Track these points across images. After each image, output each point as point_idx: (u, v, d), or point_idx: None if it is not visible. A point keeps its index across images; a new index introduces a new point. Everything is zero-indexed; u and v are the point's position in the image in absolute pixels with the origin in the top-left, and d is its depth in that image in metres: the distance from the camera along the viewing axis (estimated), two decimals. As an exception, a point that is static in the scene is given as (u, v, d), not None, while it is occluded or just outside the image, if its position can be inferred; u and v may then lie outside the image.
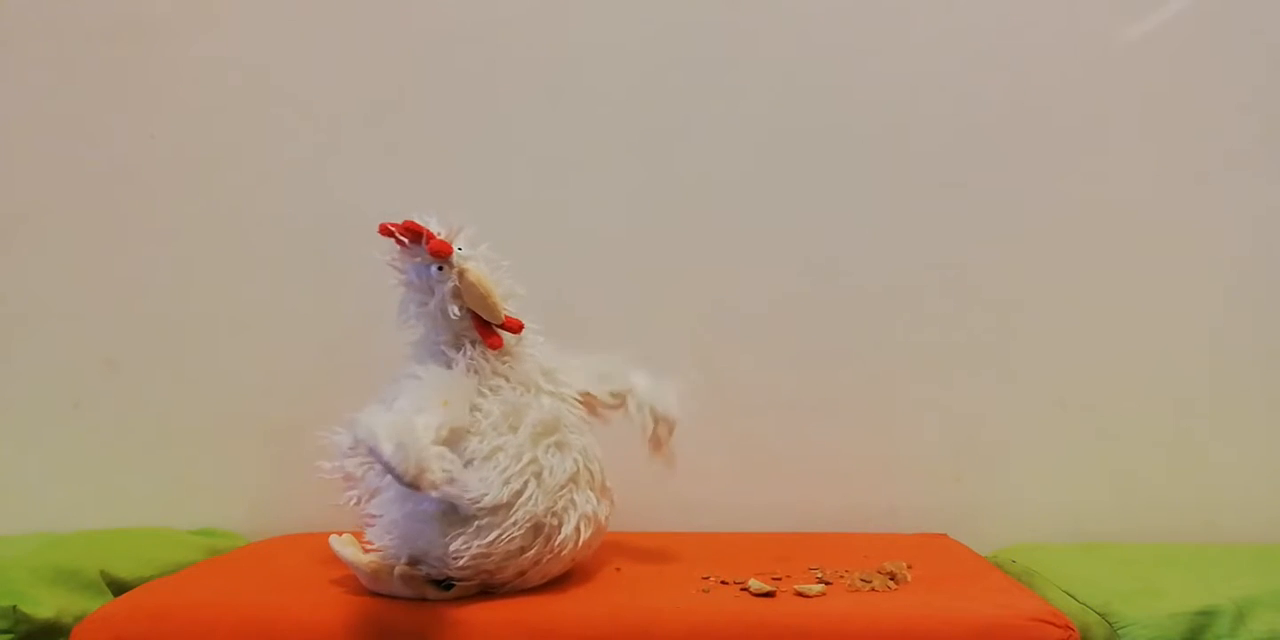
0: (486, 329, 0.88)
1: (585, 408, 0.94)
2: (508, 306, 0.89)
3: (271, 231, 1.24)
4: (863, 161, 1.23)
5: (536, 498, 0.84)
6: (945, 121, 1.23)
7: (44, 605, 0.86)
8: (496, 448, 0.85)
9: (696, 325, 1.23)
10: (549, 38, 1.24)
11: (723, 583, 0.91)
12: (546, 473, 0.85)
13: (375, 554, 0.87)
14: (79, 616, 0.86)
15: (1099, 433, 1.22)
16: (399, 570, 0.85)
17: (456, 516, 0.83)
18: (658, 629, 0.81)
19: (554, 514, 0.86)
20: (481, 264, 0.88)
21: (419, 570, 0.85)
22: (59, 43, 1.24)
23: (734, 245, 1.23)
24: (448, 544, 0.83)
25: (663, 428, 0.95)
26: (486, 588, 0.87)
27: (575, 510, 0.87)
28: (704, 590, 0.89)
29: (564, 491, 0.86)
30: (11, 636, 0.84)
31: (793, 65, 1.23)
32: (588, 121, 1.24)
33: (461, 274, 0.86)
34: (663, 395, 0.96)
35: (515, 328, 0.89)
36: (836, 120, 1.23)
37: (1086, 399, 1.22)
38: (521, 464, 0.84)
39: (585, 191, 1.24)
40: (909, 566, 0.96)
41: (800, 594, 0.87)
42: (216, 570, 1.00)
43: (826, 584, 0.90)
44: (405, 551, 0.85)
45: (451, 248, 0.86)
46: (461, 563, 0.83)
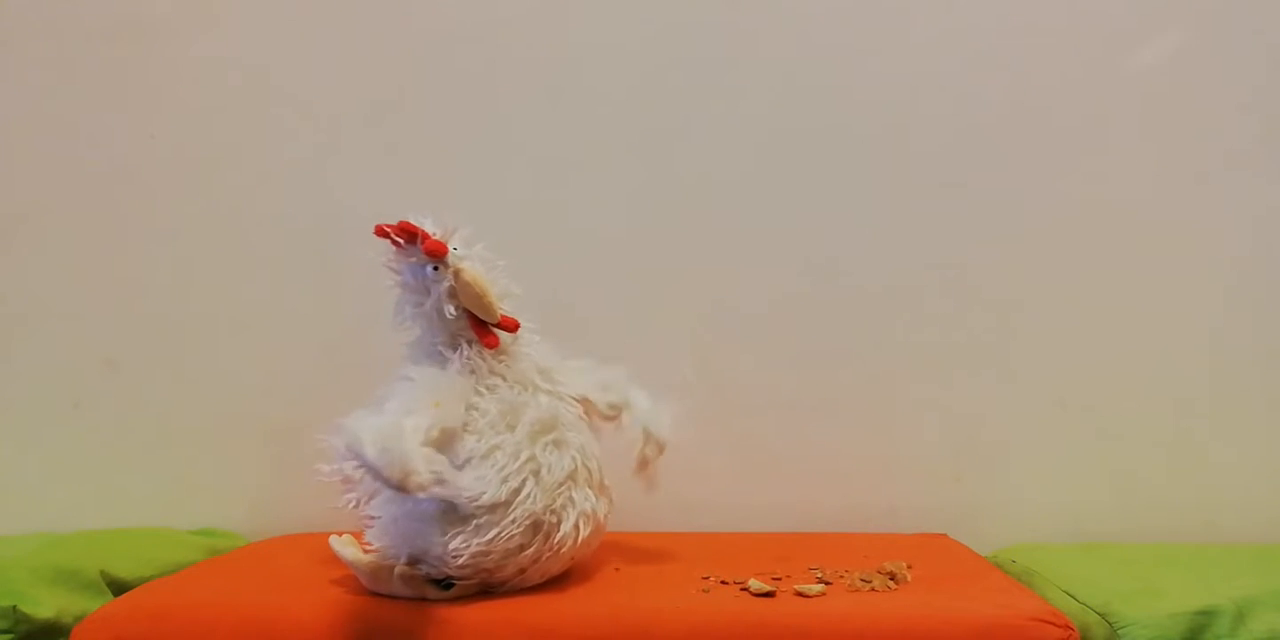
0: (483, 328, 0.88)
1: (584, 413, 0.94)
2: (503, 306, 0.89)
3: (271, 231, 1.24)
4: (863, 161, 1.23)
5: (535, 495, 0.84)
6: (945, 121, 1.23)
7: (44, 605, 0.86)
8: (494, 446, 0.85)
9: (696, 325, 1.23)
10: (549, 38, 1.24)
11: (723, 583, 0.91)
12: (545, 470, 0.86)
13: (375, 554, 0.88)
14: (79, 616, 0.86)
15: (1099, 433, 1.22)
16: (399, 570, 0.85)
17: (455, 515, 0.83)
18: (658, 629, 0.81)
19: (553, 511, 0.86)
20: (477, 263, 0.88)
21: (419, 570, 0.85)
22: (59, 43, 1.24)
23: (734, 245, 1.23)
24: (447, 543, 0.83)
25: (651, 448, 0.95)
26: (486, 587, 0.87)
27: (574, 508, 0.87)
28: (704, 590, 0.89)
29: (562, 489, 0.87)
30: (11, 636, 0.84)
31: (793, 65, 1.23)
32: (588, 121, 1.24)
33: (457, 273, 0.86)
34: (659, 417, 0.96)
35: (511, 327, 0.89)
36: (836, 120, 1.23)
37: (1086, 399, 1.22)
38: (519, 462, 0.85)
39: (585, 191, 1.24)
40: (909, 566, 0.96)
41: (800, 594, 0.87)
42: (216, 570, 1.00)
43: (826, 584, 0.90)
44: (405, 551, 0.86)
45: (447, 248, 0.86)
46: (461, 561, 0.83)
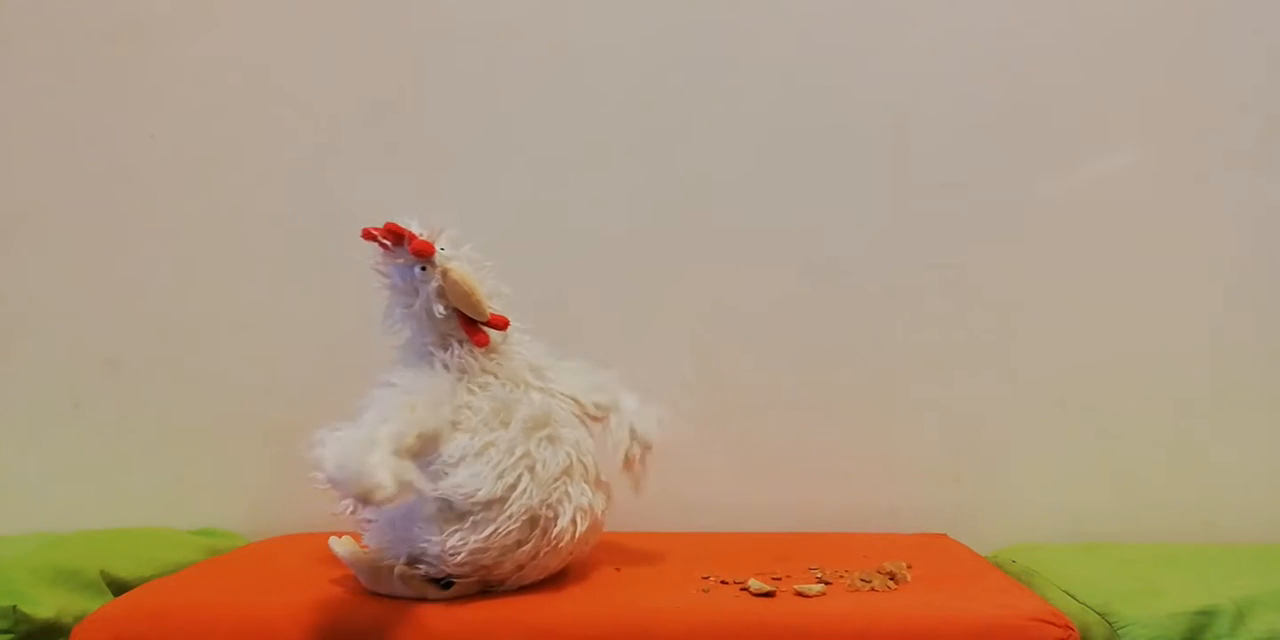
0: (472, 327, 0.89)
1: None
2: (493, 305, 0.89)
3: (271, 231, 1.24)
4: (863, 161, 1.23)
5: (531, 490, 0.84)
6: (945, 121, 1.23)
7: (44, 605, 0.86)
8: (488, 443, 0.85)
9: (696, 325, 1.23)
10: (549, 38, 1.24)
11: (723, 583, 0.91)
12: (540, 466, 0.86)
13: (375, 555, 0.88)
14: (79, 616, 0.86)
15: (1099, 433, 1.22)
16: (398, 570, 0.85)
17: (452, 513, 0.83)
18: (658, 629, 0.81)
19: (549, 506, 0.86)
20: (464, 263, 0.88)
21: (418, 569, 0.85)
22: (59, 43, 1.24)
23: (734, 245, 1.23)
24: (444, 541, 0.83)
25: (637, 449, 0.95)
26: (486, 585, 0.87)
27: (570, 502, 0.87)
28: (704, 590, 0.89)
29: (558, 484, 0.87)
30: (11, 636, 0.84)
31: (793, 65, 1.23)
32: (588, 121, 1.24)
33: (445, 273, 0.86)
34: (645, 418, 0.96)
35: (501, 325, 0.89)
36: (836, 120, 1.23)
37: (1086, 399, 1.22)
38: (514, 458, 0.85)
39: (585, 191, 1.24)
40: (909, 566, 0.96)
41: (800, 594, 0.87)
42: (216, 570, 1.00)
43: (826, 584, 0.90)
44: (403, 551, 0.86)
45: (434, 247, 0.86)
46: (459, 559, 0.83)
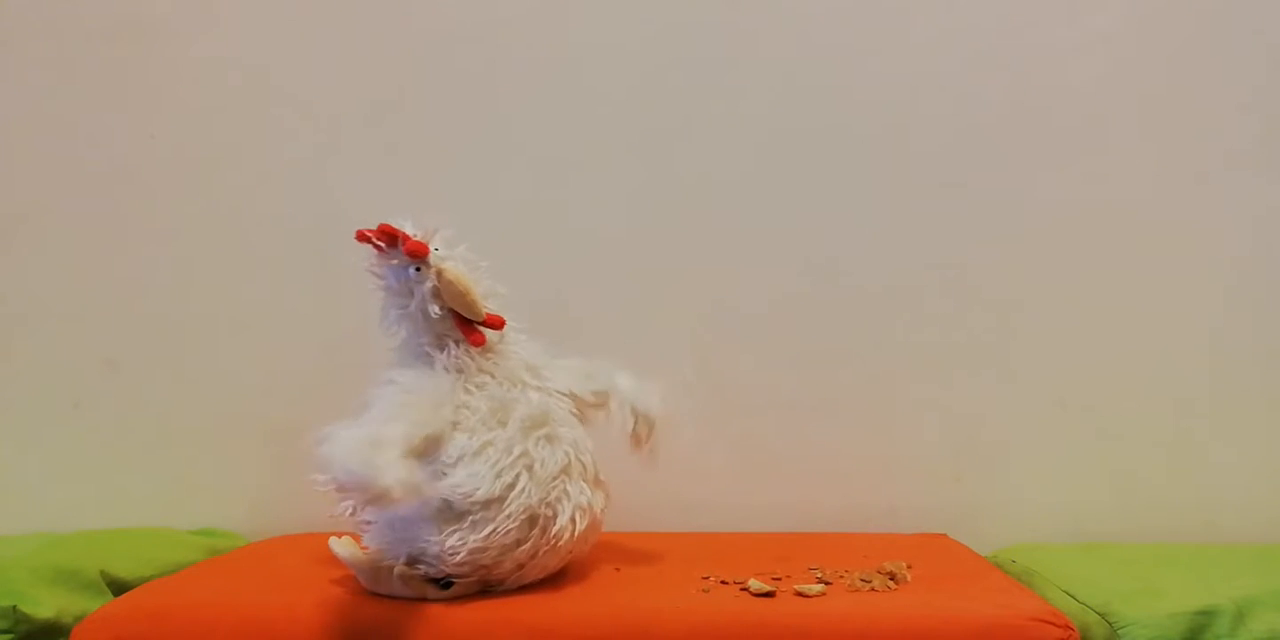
0: (468, 327, 0.89)
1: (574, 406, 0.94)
2: (489, 305, 0.89)
3: (271, 231, 1.24)
4: (863, 161, 1.23)
5: (529, 489, 0.85)
6: (945, 121, 1.23)
7: (44, 605, 0.86)
8: (486, 442, 0.85)
9: (696, 325, 1.23)
10: (549, 38, 1.24)
11: (723, 583, 0.91)
12: (538, 465, 0.86)
13: (374, 555, 0.88)
14: (79, 616, 0.86)
15: (1099, 433, 1.22)
16: (398, 570, 0.85)
17: (451, 513, 0.83)
18: (658, 629, 0.81)
19: (548, 505, 0.86)
20: (459, 263, 0.88)
21: (417, 569, 0.85)
22: (59, 43, 1.24)
23: (734, 245, 1.23)
24: (444, 541, 0.83)
25: (642, 426, 0.95)
26: (486, 585, 0.87)
27: (569, 501, 0.87)
28: (704, 590, 0.89)
29: (556, 482, 0.87)
30: (11, 636, 0.84)
31: (793, 65, 1.23)
32: (588, 121, 1.24)
33: (440, 273, 0.86)
34: (644, 394, 0.96)
35: (497, 324, 0.89)
36: (836, 120, 1.23)
37: (1086, 399, 1.22)
38: (512, 457, 0.85)
39: (585, 191, 1.24)
40: (909, 566, 0.96)
41: (800, 594, 0.87)
42: (216, 570, 1.00)
43: (826, 584, 0.90)
44: (403, 551, 0.86)
45: (428, 248, 0.86)
46: (459, 558, 0.83)
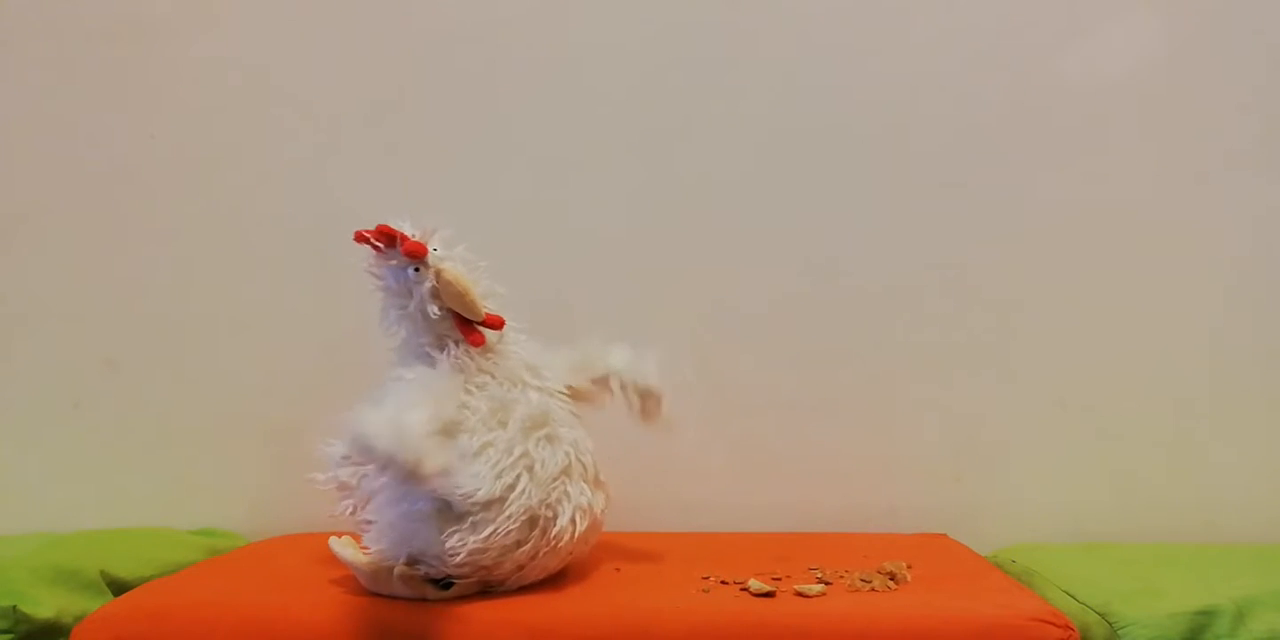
0: (468, 327, 0.88)
1: (574, 400, 0.94)
2: (489, 305, 0.89)
3: (271, 231, 1.24)
4: (863, 161, 1.23)
5: (529, 490, 0.84)
6: (945, 121, 1.23)
7: (44, 605, 0.86)
8: (486, 443, 0.85)
9: (696, 325, 1.23)
10: (549, 38, 1.24)
11: (723, 583, 0.91)
12: (538, 465, 0.86)
13: (374, 555, 0.87)
14: (79, 616, 0.86)
15: (1099, 433, 1.22)
16: (398, 570, 0.85)
17: (451, 514, 0.83)
18: (658, 629, 0.81)
19: (548, 506, 0.86)
20: (458, 263, 0.88)
21: (418, 570, 0.85)
22: (59, 43, 1.24)
23: (734, 245, 1.23)
24: (444, 541, 0.83)
25: (651, 402, 0.95)
26: (486, 586, 0.87)
27: (569, 502, 0.87)
28: (704, 590, 0.89)
29: (557, 483, 0.86)
30: (11, 636, 0.84)
31: (793, 65, 1.23)
32: (588, 121, 1.24)
33: (438, 273, 0.86)
34: (641, 370, 0.95)
35: (496, 324, 0.89)
36: (836, 120, 1.23)
37: (1086, 399, 1.22)
38: (513, 458, 0.85)
39: (585, 191, 1.24)
40: (909, 566, 0.96)
41: (800, 594, 0.87)
42: (216, 570, 1.00)
43: (826, 584, 0.90)
44: (403, 552, 0.86)
45: (426, 248, 0.86)
46: (459, 559, 0.83)
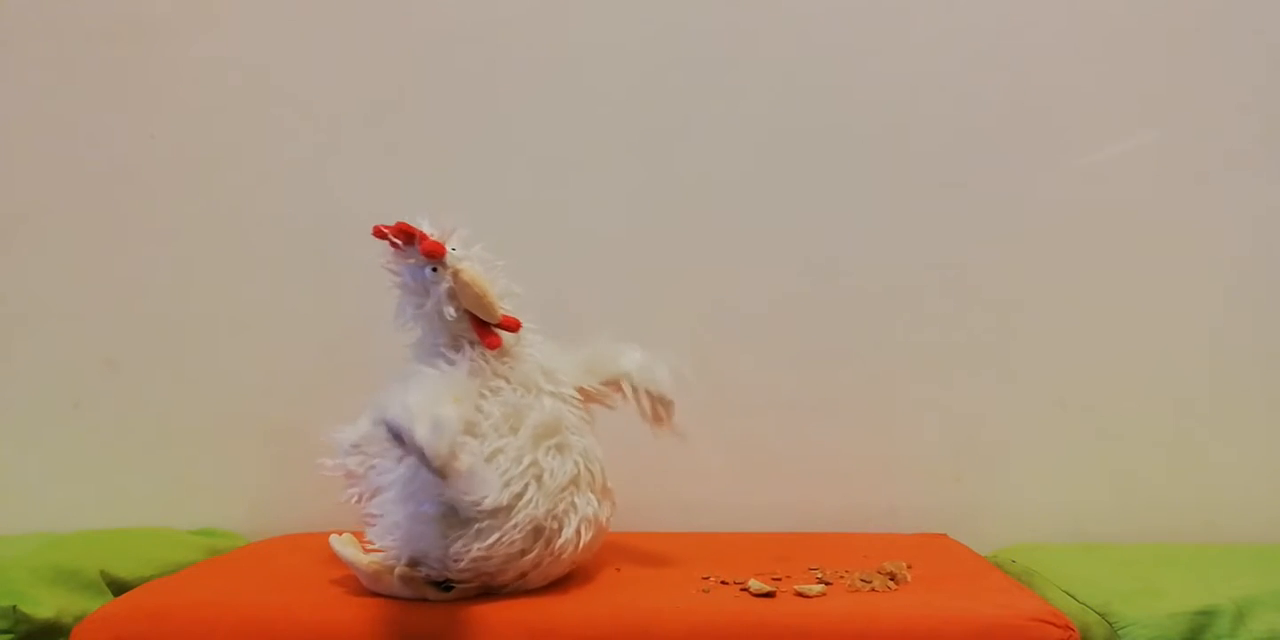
0: (484, 329, 0.87)
1: (586, 401, 0.93)
2: (504, 305, 0.88)
3: (271, 231, 1.24)
4: (863, 161, 1.23)
5: (537, 501, 0.84)
6: (945, 121, 1.23)
7: (44, 605, 0.86)
8: (497, 450, 0.84)
9: (696, 325, 1.23)
10: (549, 38, 1.24)
11: (723, 583, 0.91)
12: (547, 475, 0.85)
13: (375, 555, 0.87)
14: (79, 616, 0.86)
15: (1099, 433, 1.22)
16: (399, 571, 0.85)
17: (456, 519, 0.83)
18: (658, 629, 0.81)
19: (554, 517, 0.85)
20: (476, 264, 0.87)
21: (419, 572, 0.85)
22: (59, 43, 1.24)
23: (734, 245, 1.23)
24: (447, 547, 0.82)
25: (662, 409, 0.95)
26: (487, 589, 0.86)
27: (576, 513, 0.86)
28: (704, 590, 0.89)
29: (565, 494, 0.86)
30: (11, 636, 0.84)
31: (793, 65, 1.23)
32: (588, 121, 1.24)
33: (456, 274, 0.85)
34: (654, 377, 0.94)
35: (513, 327, 0.88)
36: (836, 120, 1.23)
37: (1086, 399, 1.22)
38: (522, 467, 0.84)
39: (585, 191, 1.24)
40: (909, 566, 0.96)
41: (800, 594, 0.87)
42: (216, 570, 1.00)
43: (826, 584, 0.90)
44: (406, 553, 0.85)
45: (445, 248, 0.85)
46: (462, 565, 0.83)
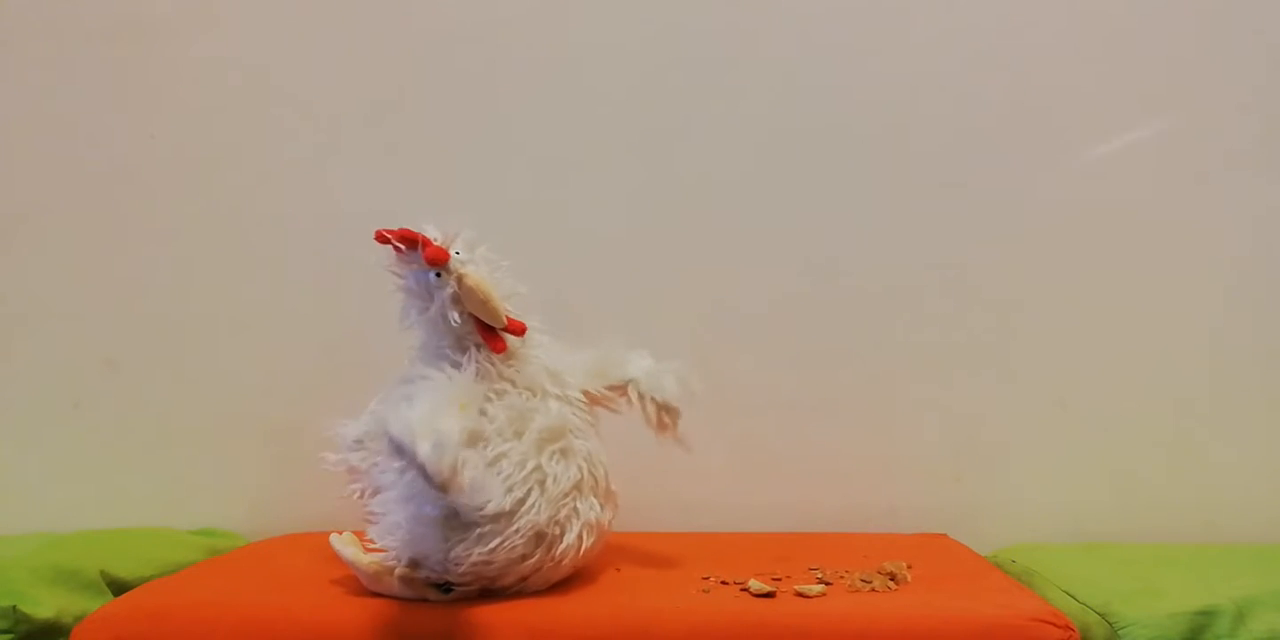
0: (490, 333, 0.87)
1: (591, 404, 0.93)
2: (509, 307, 0.88)
3: (271, 231, 1.24)
4: (863, 161, 1.23)
5: (539, 506, 0.83)
6: (945, 121, 1.23)
7: (44, 605, 0.86)
8: (500, 454, 0.83)
9: (696, 325, 1.23)
10: (549, 38, 1.24)
11: (723, 583, 0.91)
12: (550, 481, 0.84)
13: (376, 555, 0.87)
14: (79, 616, 0.86)
15: (1099, 433, 1.22)
16: (399, 572, 0.84)
17: (459, 523, 0.82)
18: (658, 629, 0.81)
19: (556, 523, 0.85)
20: (480, 267, 0.86)
21: (419, 573, 0.85)
22: (59, 43, 1.24)
23: (734, 245, 1.23)
24: (449, 550, 0.82)
25: (667, 416, 0.94)
26: (487, 591, 0.86)
27: (578, 519, 0.86)
28: (704, 590, 0.89)
29: (567, 500, 0.85)
30: (11, 636, 0.84)
31: (793, 65, 1.23)
32: (588, 121, 1.24)
33: (460, 279, 0.84)
34: (661, 384, 0.94)
35: (518, 330, 0.88)
36: (836, 120, 1.23)
37: (1086, 399, 1.22)
38: (525, 472, 0.83)
39: (585, 191, 1.24)
40: (909, 566, 0.96)
41: (800, 594, 0.87)
42: (216, 570, 1.00)
43: (826, 584, 0.90)
44: (406, 554, 0.85)
45: (448, 255, 0.85)
46: (462, 569, 0.83)
